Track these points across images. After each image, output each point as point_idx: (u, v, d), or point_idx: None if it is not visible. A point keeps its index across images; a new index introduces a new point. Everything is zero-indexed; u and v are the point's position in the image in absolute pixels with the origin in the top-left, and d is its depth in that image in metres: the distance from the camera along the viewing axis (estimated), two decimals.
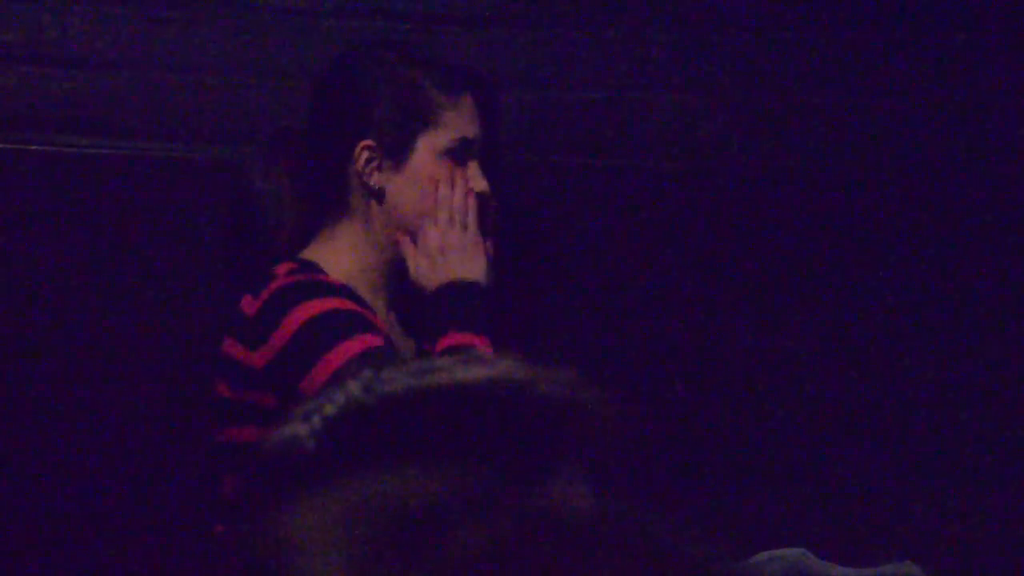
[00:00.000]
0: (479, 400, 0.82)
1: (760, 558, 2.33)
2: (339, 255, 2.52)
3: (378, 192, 2.50)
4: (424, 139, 2.49)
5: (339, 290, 2.45)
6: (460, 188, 2.50)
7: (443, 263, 2.49)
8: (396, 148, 2.49)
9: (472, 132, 2.52)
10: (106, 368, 2.72)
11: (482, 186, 2.52)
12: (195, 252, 2.73)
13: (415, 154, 2.49)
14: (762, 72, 2.92)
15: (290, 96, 2.75)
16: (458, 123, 2.50)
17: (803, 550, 2.35)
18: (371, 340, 2.38)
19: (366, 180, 2.50)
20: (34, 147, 2.72)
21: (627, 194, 2.88)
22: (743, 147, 2.91)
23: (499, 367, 0.84)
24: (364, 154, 2.49)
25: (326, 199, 2.54)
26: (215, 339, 2.49)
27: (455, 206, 2.49)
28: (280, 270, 2.47)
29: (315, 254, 2.52)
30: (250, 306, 2.44)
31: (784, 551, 2.36)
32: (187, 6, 2.74)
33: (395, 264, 2.53)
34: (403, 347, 2.52)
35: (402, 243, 2.51)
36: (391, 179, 2.50)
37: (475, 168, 2.52)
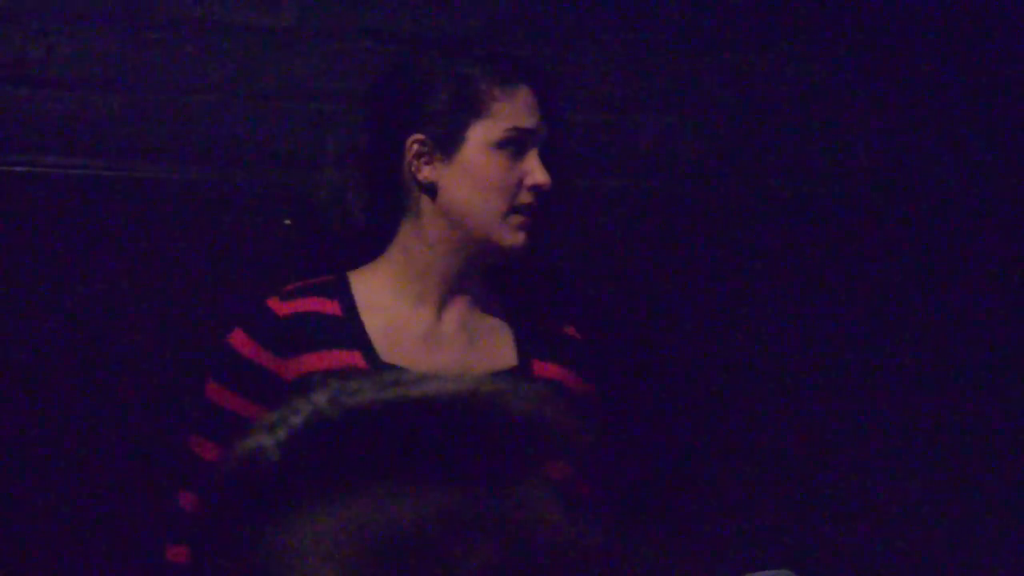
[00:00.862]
0: (445, 415, 0.82)
1: None
2: (386, 264, 2.50)
3: (430, 187, 2.47)
4: (474, 130, 2.45)
5: (264, 324, 2.44)
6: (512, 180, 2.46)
7: None
8: (446, 140, 2.45)
9: (528, 123, 2.46)
10: (75, 391, 2.71)
11: (540, 179, 2.46)
12: (184, 271, 2.73)
13: (465, 145, 2.45)
14: (742, 94, 2.92)
15: (275, 116, 2.75)
16: (511, 114, 2.45)
17: (788, 571, 2.35)
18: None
19: (416, 174, 2.47)
20: (19, 168, 2.72)
21: (609, 212, 2.88)
22: (722, 167, 2.91)
23: (467, 382, 0.83)
24: (414, 147, 2.47)
25: (387, 202, 2.51)
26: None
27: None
28: (288, 287, 2.49)
29: (362, 268, 2.51)
30: None
31: (769, 572, 2.35)
32: (172, 27, 2.74)
33: (461, 263, 2.50)
34: (464, 360, 2.48)
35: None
36: (442, 172, 2.46)
37: (533, 160, 2.46)
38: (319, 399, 0.82)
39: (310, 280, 2.50)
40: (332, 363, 2.40)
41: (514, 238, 2.46)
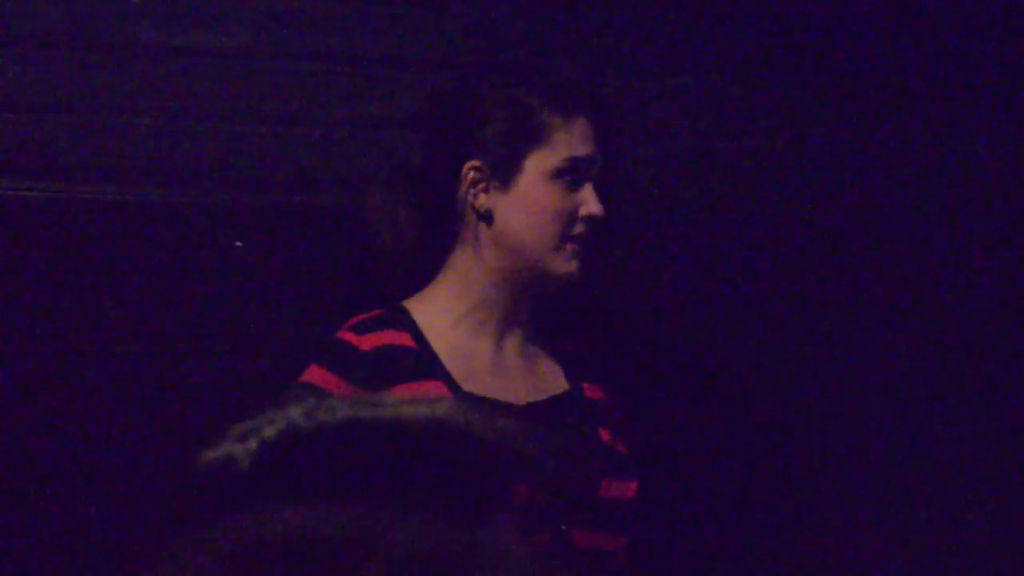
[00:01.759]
0: (415, 439, 0.82)
1: None
2: (444, 293, 2.47)
3: (486, 215, 2.45)
4: (532, 159, 2.44)
5: (349, 359, 2.39)
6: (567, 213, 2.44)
7: None
8: (503, 168, 2.44)
9: (584, 153, 2.45)
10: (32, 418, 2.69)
11: (595, 209, 2.45)
12: (136, 293, 2.71)
13: (523, 175, 2.44)
14: (699, 113, 2.94)
15: (227, 138, 2.74)
16: (569, 144, 2.44)
17: None
18: None
19: (473, 202, 2.45)
20: None
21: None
22: (681, 184, 2.92)
23: (440, 408, 0.83)
24: (471, 174, 2.45)
25: (439, 228, 2.49)
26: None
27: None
28: (352, 320, 2.44)
29: (417, 297, 2.48)
30: None
31: None
32: (122, 49, 2.72)
33: (515, 291, 2.48)
34: (524, 388, 2.47)
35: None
36: (499, 201, 2.45)
37: (589, 191, 2.45)
38: (294, 413, 0.82)
39: (373, 312, 2.46)
40: (419, 395, 2.36)
41: (568, 267, 2.46)
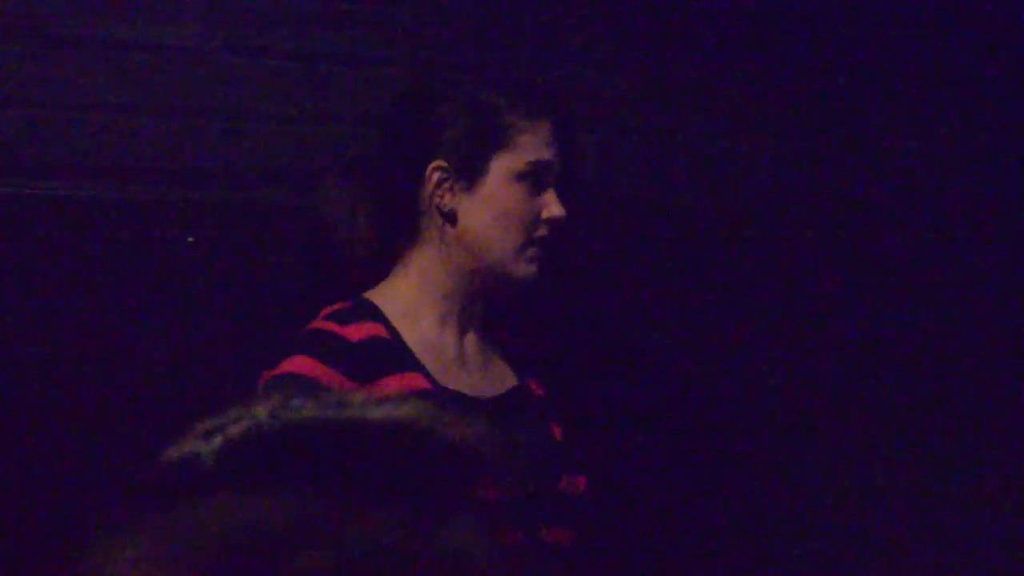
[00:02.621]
0: (381, 438, 0.83)
1: None
2: (408, 287, 2.48)
3: (450, 215, 2.46)
4: (497, 161, 2.45)
5: (340, 349, 2.36)
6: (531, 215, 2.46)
7: None
8: (469, 169, 2.45)
9: (548, 156, 2.47)
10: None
11: (558, 212, 2.47)
12: (87, 290, 2.70)
13: (488, 177, 2.45)
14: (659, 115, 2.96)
15: (179, 133, 2.74)
16: (533, 146, 2.46)
17: None
18: None
19: (438, 202, 2.46)
20: None
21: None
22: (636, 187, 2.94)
23: (406, 409, 0.84)
24: (436, 175, 2.46)
25: (400, 225, 2.49)
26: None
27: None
28: (324, 311, 2.43)
29: (381, 289, 2.48)
30: None
31: None
32: (74, 44, 2.71)
33: (475, 290, 2.49)
34: (485, 382, 2.48)
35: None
36: (463, 201, 2.46)
37: (552, 194, 2.47)
38: (260, 412, 0.83)
39: (345, 304, 2.45)
40: (406, 386, 2.36)
41: (527, 270, 2.48)
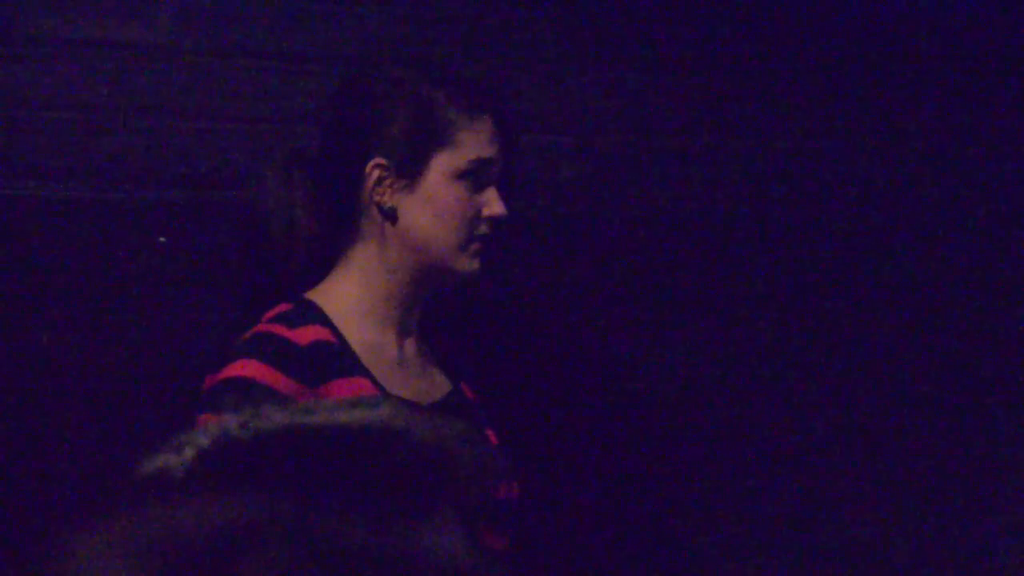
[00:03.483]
0: (353, 443, 0.82)
1: None
2: (349, 288, 2.45)
3: (391, 213, 2.44)
4: (438, 159, 2.42)
5: (288, 353, 2.32)
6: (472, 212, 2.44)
7: None
8: (409, 167, 2.42)
9: (489, 154, 2.45)
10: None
11: (499, 210, 2.45)
12: (57, 290, 2.69)
13: (428, 174, 2.42)
14: (622, 116, 2.96)
15: (148, 132, 2.73)
16: (474, 144, 2.43)
17: None
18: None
19: (378, 200, 2.43)
20: None
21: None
22: (603, 189, 2.94)
23: (378, 412, 0.83)
24: (376, 172, 2.42)
25: (340, 223, 2.46)
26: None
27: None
28: (268, 314, 2.38)
29: (323, 290, 2.45)
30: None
31: None
32: (42, 44, 2.70)
33: (417, 288, 2.47)
34: (424, 387, 2.46)
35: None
36: (404, 199, 2.43)
37: (493, 192, 2.46)
38: (230, 422, 0.82)
39: (283, 306, 2.41)
40: (354, 390, 2.33)
41: (470, 266, 2.45)
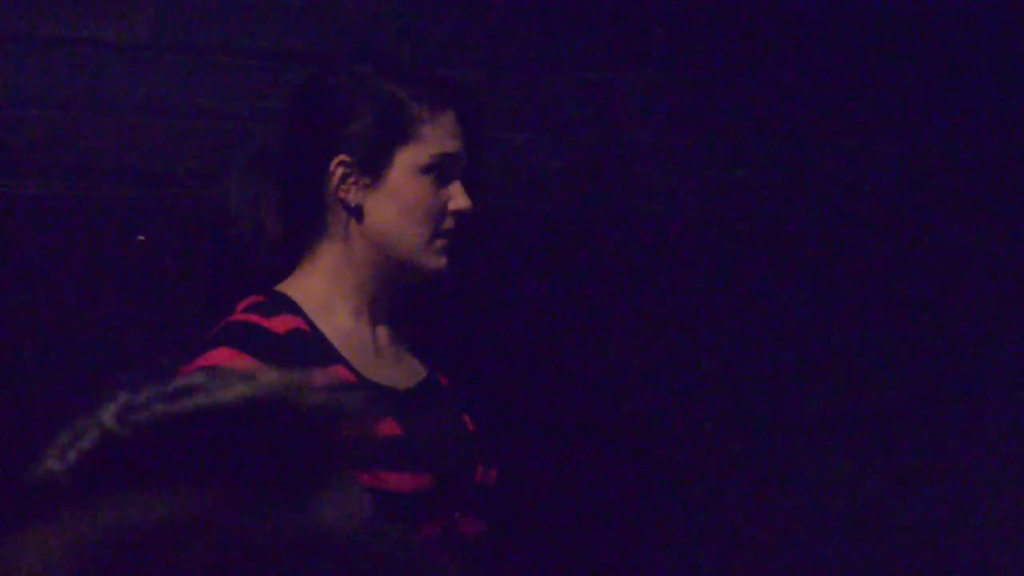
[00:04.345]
0: (238, 420, 0.79)
1: None
2: (318, 281, 2.45)
3: (356, 209, 2.44)
4: (402, 155, 2.42)
5: (266, 342, 2.33)
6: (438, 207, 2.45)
7: None
8: (373, 163, 2.42)
9: (453, 148, 2.45)
10: None
11: (464, 204, 2.45)
12: (29, 290, 2.68)
13: (392, 170, 2.43)
14: (602, 113, 2.94)
15: (128, 132, 2.72)
16: (437, 139, 2.44)
17: None
18: None
19: (343, 197, 2.43)
20: None
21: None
22: (580, 186, 2.93)
23: (258, 382, 0.81)
24: (340, 170, 2.43)
25: (305, 219, 2.46)
26: None
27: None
28: (241, 304, 2.39)
29: (292, 283, 2.45)
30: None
31: None
32: (19, 41, 2.68)
33: (385, 283, 2.48)
34: (400, 374, 2.47)
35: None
36: (369, 196, 2.43)
37: (457, 186, 2.46)
38: (106, 418, 0.80)
39: (259, 296, 2.42)
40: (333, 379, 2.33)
41: (437, 262, 2.46)
